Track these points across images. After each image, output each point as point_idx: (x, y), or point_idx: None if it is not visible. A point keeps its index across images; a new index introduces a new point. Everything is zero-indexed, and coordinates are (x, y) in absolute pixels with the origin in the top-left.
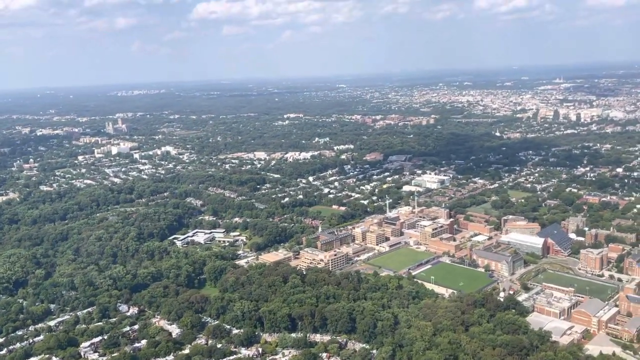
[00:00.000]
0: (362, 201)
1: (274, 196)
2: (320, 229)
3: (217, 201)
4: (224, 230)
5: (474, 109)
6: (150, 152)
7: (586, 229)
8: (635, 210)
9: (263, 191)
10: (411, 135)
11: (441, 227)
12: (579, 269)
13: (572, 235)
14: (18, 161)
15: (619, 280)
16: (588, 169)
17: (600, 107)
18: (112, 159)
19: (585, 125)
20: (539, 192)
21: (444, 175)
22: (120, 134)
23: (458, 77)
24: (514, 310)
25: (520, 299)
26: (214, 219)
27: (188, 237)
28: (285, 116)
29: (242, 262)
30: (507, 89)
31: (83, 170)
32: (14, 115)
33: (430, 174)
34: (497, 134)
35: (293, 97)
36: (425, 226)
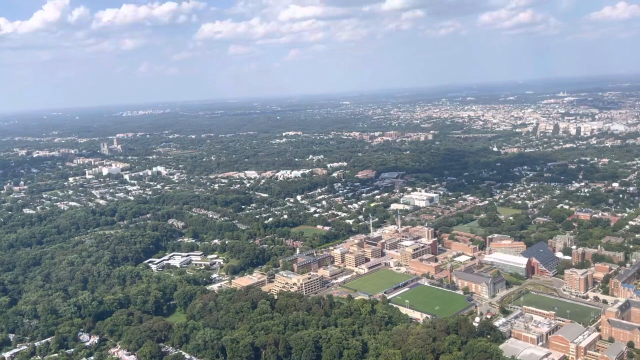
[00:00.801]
0: (348, 220)
1: (257, 216)
2: (297, 251)
3: (199, 222)
4: (201, 252)
5: (474, 124)
6: (141, 173)
7: (574, 247)
8: (627, 227)
9: (247, 211)
10: (407, 152)
11: (423, 247)
12: (564, 290)
13: (559, 254)
14: (8, 184)
15: (604, 302)
16: (583, 184)
17: (602, 120)
18: (101, 180)
19: (585, 139)
20: (529, 209)
21: (434, 193)
22: (115, 155)
23: (462, 92)
24: (488, 337)
25: (497, 323)
26: (193, 241)
27: (164, 260)
28: (283, 134)
29: (214, 286)
30: (510, 104)
31: (70, 192)
32: (17, 137)
33: (420, 191)
34: (495, 149)
35: (295, 115)
36: (407, 246)
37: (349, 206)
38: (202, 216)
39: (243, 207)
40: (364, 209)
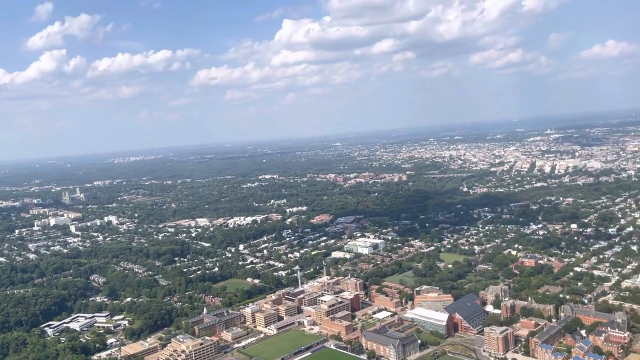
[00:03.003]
0: (282, 272)
1: (185, 270)
2: (205, 310)
3: (119, 278)
4: (108, 313)
5: (453, 163)
6: (89, 223)
7: (506, 299)
8: (570, 274)
9: (178, 264)
10: (375, 194)
11: (341, 302)
12: (483, 351)
13: (489, 308)
14: None
15: None
16: (540, 226)
17: (581, 157)
18: (46, 231)
19: (558, 177)
20: (475, 255)
21: (382, 238)
22: (76, 204)
23: (455, 131)
24: None
25: None
26: (105, 300)
27: (64, 323)
28: (260, 177)
29: (103, 354)
30: (497, 142)
31: (5, 246)
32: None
33: (369, 236)
34: (465, 189)
35: (281, 158)
36: (324, 302)
37: (289, 255)
38: (126, 271)
39: (175, 259)
40: (303, 258)
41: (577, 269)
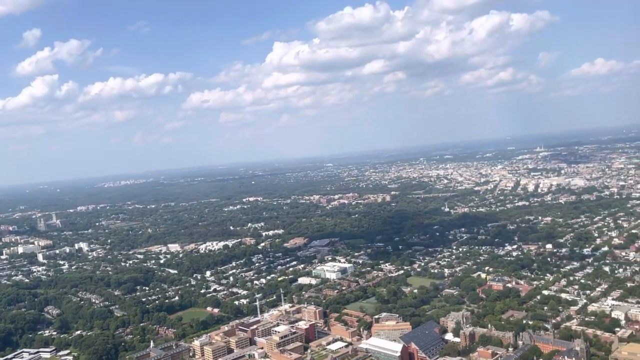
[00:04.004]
0: (244, 300)
1: (144, 299)
2: (152, 344)
3: (72, 310)
4: (54, 348)
5: (439, 183)
6: (57, 251)
7: (467, 326)
8: (538, 297)
9: (139, 293)
10: (355, 215)
11: (294, 333)
12: None
13: (449, 336)
14: None
15: None
16: (515, 246)
17: (567, 175)
18: (12, 260)
19: (541, 195)
20: (445, 279)
21: (352, 262)
22: (52, 230)
23: (448, 150)
24: None
25: None
26: (55, 333)
27: None
28: (244, 199)
29: None
30: (486, 161)
31: None
32: None
33: (340, 260)
34: (446, 209)
35: (270, 180)
36: (277, 332)
37: (255, 282)
38: (82, 302)
39: (137, 288)
40: (267, 284)
41: (545, 292)
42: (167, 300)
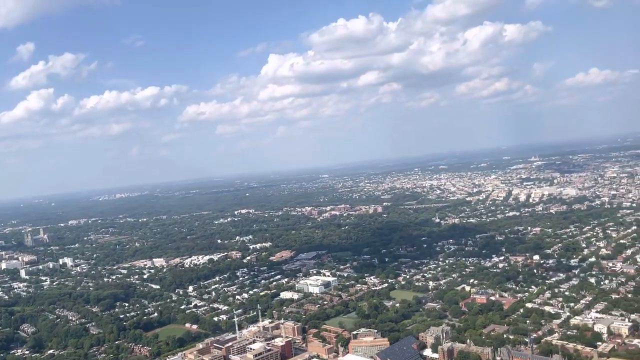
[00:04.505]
0: (224, 316)
1: (122, 316)
2: None
3: (48, 328)
4: None
5: (431, 193)
6: (41, 267)
7: (447, 342)
8: (521, 311)
9: (118, 309)
10: (345, 227)
11: (269, 351)
12: None
13: (428, 352)
14: None
15: None
16: (502, 258)
17: (560, 184)
18: None
19: (532, 205)
20: (429, 292)
21: (335, 275)
22: (39, 245)
23: (444, 160)
24: None
25: None
26: (28, 353)
27: None
28: (236, 212)
29: None
30: (480, 170)
31: None
32: None
33: (325, 274)
34: (437, 220)
35: (265, 191)
36: (251, 350)
37: (237, 297)
38: (58, 319)
39: (117, 304)
40: (250, 299)
41: (529, 305)
42: (145, 317)
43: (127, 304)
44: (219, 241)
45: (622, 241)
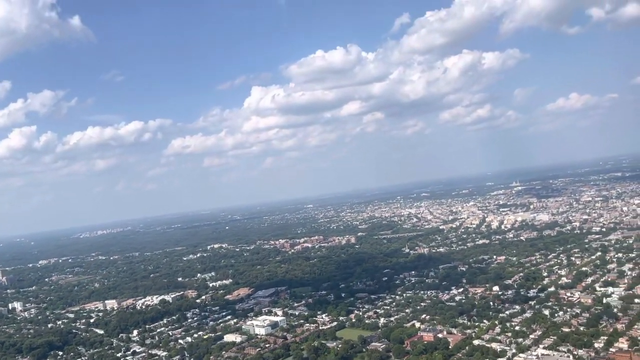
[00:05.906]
0: None
1: None
2: None
3: None
4: None
5: (407, 222)
6: None
7: None
8: (466, 349)
9: None
10: (314, 260)
11: None
12: None
13: None
14: None
15: None
16: (461, 290)
17: (534, 210)
18: None
19: (503, 232)
20: (378, 331)
21: (286, 315)
22: None
23: (429, 188)
24: None
25: None
26: None
27: None
28: (209, 247)
29: None
30: (461, 197)
31: None
32: None
33: (277, 312)
34: (407, 250)
35: (245, 224)
36: None
37: (180, 341)
38: None
39: (51, 353)
40: (192, 344)
41: (476, 341)
42: None
43: (61, 353)
44: (179, 279)
45: (584, 268)
